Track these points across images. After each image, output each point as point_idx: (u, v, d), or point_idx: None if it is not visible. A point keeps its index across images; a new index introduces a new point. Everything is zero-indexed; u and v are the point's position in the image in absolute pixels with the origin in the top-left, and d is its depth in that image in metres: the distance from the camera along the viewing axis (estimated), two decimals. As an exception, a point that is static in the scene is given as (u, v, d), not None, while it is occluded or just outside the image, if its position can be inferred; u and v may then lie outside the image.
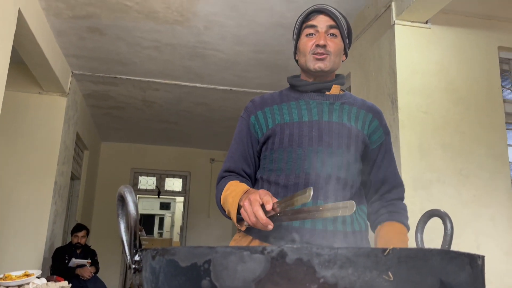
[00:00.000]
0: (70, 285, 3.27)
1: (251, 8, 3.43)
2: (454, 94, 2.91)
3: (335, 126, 1.24)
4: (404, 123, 2.76)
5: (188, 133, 7.08)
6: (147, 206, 16.89)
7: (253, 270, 0.49)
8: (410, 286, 0.50)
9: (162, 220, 17.98)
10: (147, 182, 8.49)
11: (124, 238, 0.66)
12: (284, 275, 0.49)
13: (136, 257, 0.63)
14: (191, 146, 7.97)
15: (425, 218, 1.10)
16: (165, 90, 5.19)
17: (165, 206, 17.42)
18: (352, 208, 0.85)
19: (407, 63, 2.87)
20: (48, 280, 3.14)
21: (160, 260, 0.57)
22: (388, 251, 0.49)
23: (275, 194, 1.21)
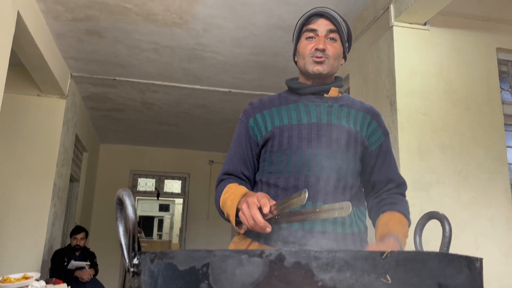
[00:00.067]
0: (69, 287, 3.27)
1: (249, 10, 3.44)
2: (452, 95, 2.91)
3: (334, 128, 1.24)
4: (403, 124, 2.77)
5: (187, 135, 7.08)
6: (146, 208, 16.87)
7: (251, 274, 0.49)
8: (408, 289, 0.50)
9: (161, 222, 17.95)
10: (146, 184, 8.48)
11: (123, 242, 0.66)
12: (282, 279, 0.49)
13: (135, 260, 0.63)
14: (190, 148, 7.97)
15: (423, 220, 1.10)
16: (164, 92, 5.20)
17: (164, 208, 17.40)
18: (348, 209, 0.85)
19: (405, 64, 2.87)
20: (47, 283, 3.13)
21: (158, 264, 0.57)
22: (386, 254, 0.49)
23: (274, 196, 1.21)
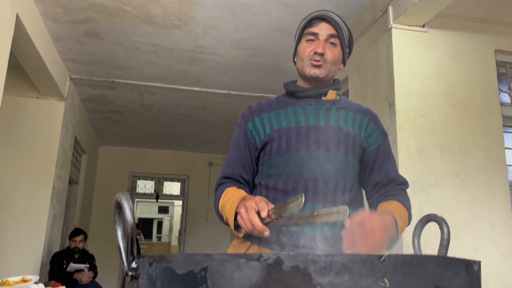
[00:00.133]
0: (68, 290, 3.26)
1: (248, 12, 3.44)
2: (451, 97, 2.92)
3: (332, 130, 1.24)
4: (402, 126, 2.77)
5: (186, 137, 7.08)
6: (146, 210, 16.84)
7: (249, 278, 0.49)
8: (406, 292, 0.50)
9: (160, 224, 17.92)
10: (145, 186, 8.48)
11: (121, 245, 0.66)
12: (281, 283, 0.49)
13: (133, 264, 0.63)
14: (189, 150, 7.97)
15: (421, 223, 1.10)
16: (163, 94, 5.20)
17: (163, 210, 17.37)
18: (345, 213, 0.85)
19: (404, 66, 2.87)
20: (46, 286, 3.12)
21: (157, 268, 0.57)
22: (384, 257, 0.49)
23: (274, 199, 1.21)
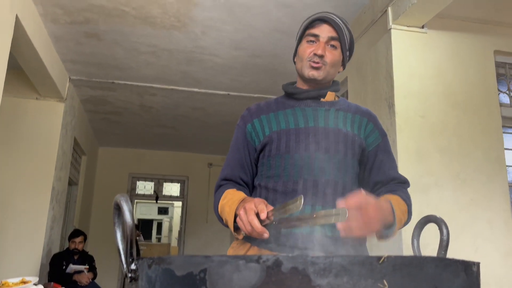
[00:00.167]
0: (68, 291, 3.26)
1: (248, 13, 3.44)
2: (451, 98, 2.92)
3: (331, 131, 1.24)
4: (401, 127, 2.77)
5: (185, 137, 7.08)
6: (145, 211, 16.83)
7: (248, 279, 0.49)
8: (405, 294, 0.50)
9: (160, 225, 17.91)
10: (145, 187, 8.47)
11: (121, 247, 0.66)
12: (280, 284, 0.49)
13: (133, 265, 0.63)
14: (189, 150, 7.97)
15: (421, 224, 1.10)
16: (162, 95, 5.20)
17: (163, 211, 17.36)
18: (344, 215, 0.85)
19: (403, 67, 2.88)
20: (45, 287, 3.12)
21: (156, 269, 0.57)
22: (383, 259, 0.49)
23: (273, 200, 1.21)
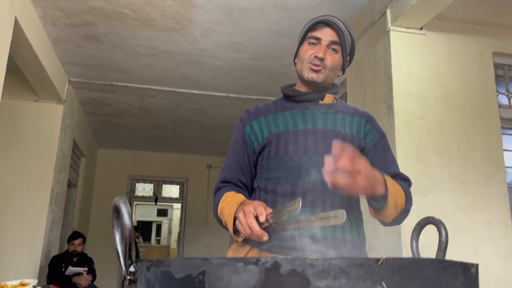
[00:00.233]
0: (67, 293, 3.25)
1: (247, 15, 3.45)
2: (449, 99, 2.93)
3: (330, 133, 1.25)
4: (400, 129, 2.77)
5: (185, 139, 7.08)
6: (145, 213, 16.81)
7: (247, 281, 0.49)
8: (403, 295, 0.50)
9: (159, 227, 17.90)
10: (144, 189, 8.47)
11: (119, 249, 0.67)
12: (278, 286, 0.49)
13: (131, 268, 0.63)
14: (188, 152, 7.97)
15: (419, 226, 1.10)
16: (162, 97, 5.20)
17: (162, 213, 17.34)
18: (342, 217, 0.85)
19: (402, 69, 2.88)
20: (44, 289, 3.12)
21: (155, 272, 0.57)
22: (381, 261, 0.49)
23: (272, 202, 1.21)
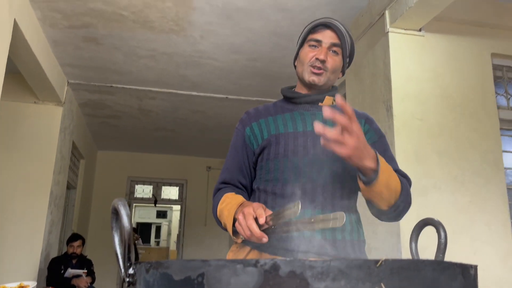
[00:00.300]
0: (66, 295, 3.25)
1: (246, 17, 3.45)
2: (448, 100, 2.93)
3: None
4: (400, 130, 2.77)
5: (184, 141, 7.08)
6: (144, 214, 16.80)
7: (246, 283, 0.49)
8: (403, 297, 0.50)
9: (159, 228, 17.88)
10: (143, 191, 8.46)
11: (118, 251, 0.66)
12: (277, 288, 0.49)
13: (130, 270, 0.63)
14: (187, 154, 7.96)
15: (419, 227, 1.10)
16: (161, 99, 5.20)
17: (161, 215, 17.32)
18: (342, 219, 0.85)
19: (401, 70, 2.89)
20: (43, 291, 3.11)
21: (154, 274, 0.57)
22: (380, 262, 0.49)
23: (272, 203, 1.21)
